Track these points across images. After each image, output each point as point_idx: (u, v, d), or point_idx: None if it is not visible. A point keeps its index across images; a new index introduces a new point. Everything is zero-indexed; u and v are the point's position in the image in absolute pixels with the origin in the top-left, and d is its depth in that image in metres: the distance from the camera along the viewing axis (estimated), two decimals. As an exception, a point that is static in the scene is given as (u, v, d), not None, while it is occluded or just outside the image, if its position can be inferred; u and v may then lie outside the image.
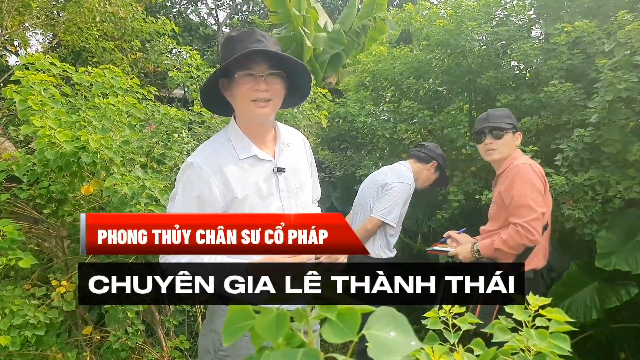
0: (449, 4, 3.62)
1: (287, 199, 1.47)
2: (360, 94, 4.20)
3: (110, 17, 4.06)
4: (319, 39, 7.77)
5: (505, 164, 2.21)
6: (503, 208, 2.15)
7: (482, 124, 2.23)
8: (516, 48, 2.95)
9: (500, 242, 2.08)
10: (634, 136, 2.51)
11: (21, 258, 1.68)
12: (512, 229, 2.05)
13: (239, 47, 1.36)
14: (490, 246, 2.12)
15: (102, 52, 4.68)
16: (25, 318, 1.73)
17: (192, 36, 10.06)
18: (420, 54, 3.76)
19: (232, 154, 1.42)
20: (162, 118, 2.36)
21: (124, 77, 2.34)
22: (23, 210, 2.21)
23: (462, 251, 2.22)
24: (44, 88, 1.94)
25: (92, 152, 1.74)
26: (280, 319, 0.53)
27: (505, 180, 2.15)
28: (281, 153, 1.50)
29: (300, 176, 1.53)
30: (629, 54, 2.34)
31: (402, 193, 2.66)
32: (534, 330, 0.79)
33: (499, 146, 2.18)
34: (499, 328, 0.84)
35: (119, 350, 2.08)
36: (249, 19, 11.27)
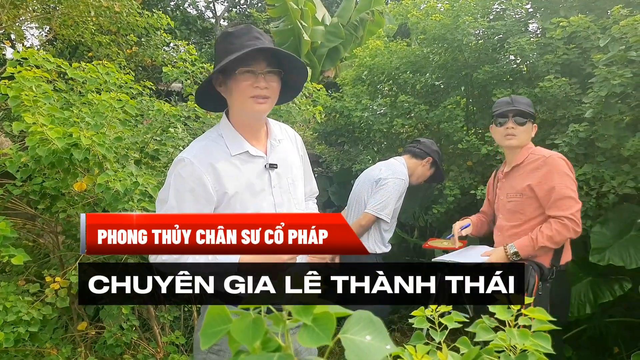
0: (446, -2, 3.60)
1: (280, 195, 1.47)
2: (357, 88, 4.19)
3: (105, 12, 4.04)
4: (316, 32, 7.73)
5: (523, 153, 2.13)
6: (532, 200, 2.07)
7: (505, 107, 2.14)
8: (512, 42, 2.94)
9: (545, 239, 1.98)
10: (629, 131, 2.50)
11: (14, 255, 1.68)
12: (558, 223, 1.97)
13: (237, 43, 1.37)
14: (531, 245, 2.01)
15: (98, 46, 4.65)
16: (19, 314, 1.74)
17: (189, 29, 10.00)
18: (417, 48, 3.74)
19: (224, 150, 1.43)
20: (156, 114, 2.35)
21: (117, 73, 2.33)
22: (17, 206, 2.21)
23: (497, 259, 2.06)
24: (37, 85, 1.94)
25: (84, 149, 1.73)
26: (256, 323, 0.53)
27: (535, 172, 2.06)
28: (273, 149, 1.50)
29: (292, 172, 1.54)
30: (624, 49, 2.33)
31: (396, 188, 2.66)
32: (516, 330, 0.80)
33: (520, 133, 2.11)
34: (482, 327, 0.84)
35: (114, 346, 2.09)
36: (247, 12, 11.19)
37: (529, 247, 2.01)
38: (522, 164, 2.13)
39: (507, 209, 2.17)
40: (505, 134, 2.13)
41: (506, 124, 2.12)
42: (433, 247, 2.88)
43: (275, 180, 1.48)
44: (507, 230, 2.15)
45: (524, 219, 2.10)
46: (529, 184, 2.06)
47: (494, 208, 2.36)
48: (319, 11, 8.10)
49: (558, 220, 1.98)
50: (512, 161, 2.18)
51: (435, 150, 2.87)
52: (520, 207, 2.11)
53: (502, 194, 2.22)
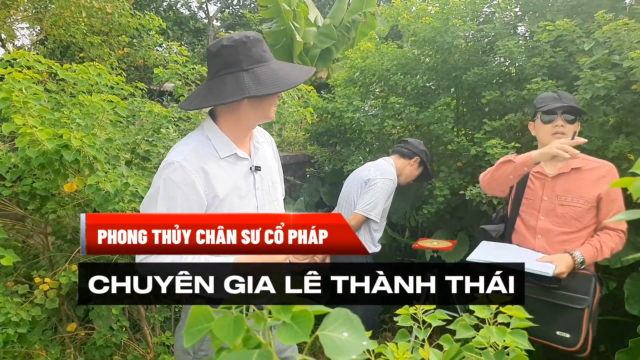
0: (436, 0, 3.63)
1: (262, 197, 1.50)
2: (348, 89, 4.22)
3: (97, 13, 4.03)
4: (309, 33, 7.75)
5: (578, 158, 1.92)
6: (594, 209, 1.94)
7: (553, 103, 1.97)
8: (501, 45, 2.98)
9: (609, 250, 1.90)
10: (613, 133, 2.55)
11: (3, 255, 1.68)
12: (617, 237, 1.91)
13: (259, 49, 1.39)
14: (595, 256, 1.91)
15: (89, 47, 4.64)
16: (8, 316, 1.74)
17: (182, 30, 9.99)
18: (407, 50, 3.77)
19: (212, 153, 1.42)
20: (147, 115, 2.36)
21: (108, 74, 2.34)
22: (6, 207, 2.21)
23: (566, 268, 1.87)
24: (27, 86, 1.94)
25: (74, 151, 1.74)
26: (237, 321, 0.55)
27: (601, 181, 1.93)
28: (256, 152, 1.53)
29: (272, 174, 1.57)
30: (607, 53, 2.38)
31: (385, 189, 2.69)
32: (495, 327, 0.82)
33: (568, 131, 1.94)
34: (462, 325, 0.87)
35: (104, 347, 2.09)
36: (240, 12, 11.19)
37: (593, 257, 1.90)
38: (583, 169, 1.97)
39: (558, 213, 1.99)
40: (553, 132, 1.96)
41: (555, 121, 1.96)
42: (423, 247, 2.91)
43: (259, 182, 1.50)
44: (557, 235, 1.99)
45: (580, 226, 1.96)
46: (598, 194, 1.93)
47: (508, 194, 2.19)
48: (311, 13, 8.12)
49: (617, 233, 1.93)
50: (563, 163, 1.96)
51: (423, 150, 2.90)
52: (579, 215, 1.96)
53: (548, 194, 2.03)
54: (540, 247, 2.03)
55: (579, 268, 1.90)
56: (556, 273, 1.82)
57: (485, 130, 3.07)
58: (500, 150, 2.73)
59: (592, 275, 1.90)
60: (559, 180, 2.01)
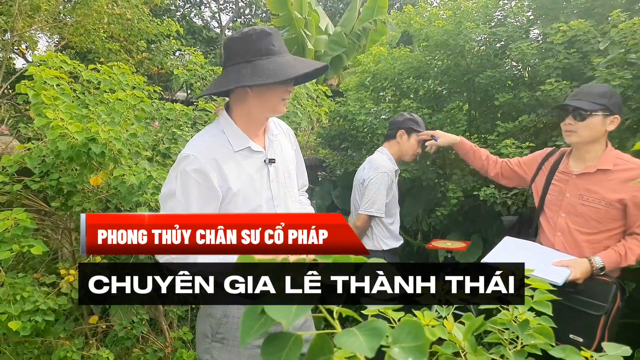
0: (448, 5, 3.69)
1: (277, 189, 1.53)
2: (360, 93, 4.27)
3: (117, 19, 4.14)
4: (320, 41, 7.85)
5: (608, 157, 1.91)
6: (618, 212, 1.87)
7: (567, 100, 1.97)
8: (514, 48, 3.01)
9: (635, 257, 1.83)
10: (629, 133, 2.55)
11: (33, 245, 1.74)
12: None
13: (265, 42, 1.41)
14: (617, 262, 1.84)
15: (108, 53, 4.76)
16: (36, 304, 1.79)
17: (195, 39, 10.17)
18: (419, 54, 3.82)
19: (226, 146, 1.46)
20: (169, 113, 2.43)
21: (131, 75, 2.41)
22: (32, 202, 2.27)
23: (581, 274, 1.82)
24: (57, 83, 2.01)
25: (101, 144, 1.80)
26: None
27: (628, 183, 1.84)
28: (271, 144, 1.56)
29: (287, 165, 1.60)
30: (623, 52, 2.39)
31: (381, 183, 2.62)
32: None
33: (579, 129, 1.91)
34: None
35: (124, 339, 2.13)
36: (252, 22, 11.37)
37: (615, 263, 1.84)
38: (612, 171, 1.89)
39: (579, 212, 1.95)
40: (564, 130, 1.98)
41: (566, 119, 1.96)
42: (437, 247, 2.92)
43: (273, 174, 1.53)
44: (576, 234, 1.96)
45: (601, 228, 1.90)
46: (622, 198, 1.85)
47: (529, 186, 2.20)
48: (322, 21, 8.24)
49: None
50: (594, 162, 1.94)
51: (405, 119, 2.72)
52: (601, 216, 1.89)
53: (571, 192, 1.99)
54: (559, 244, 2.00)
55: (598, 274, 1.83)
56: (571, 278, 1.78)
57: (498, 132, 3.09)
58: (514, 150, 2.74)
59: (612, 282, 1.83)
60: (583, 179, 1.97)
